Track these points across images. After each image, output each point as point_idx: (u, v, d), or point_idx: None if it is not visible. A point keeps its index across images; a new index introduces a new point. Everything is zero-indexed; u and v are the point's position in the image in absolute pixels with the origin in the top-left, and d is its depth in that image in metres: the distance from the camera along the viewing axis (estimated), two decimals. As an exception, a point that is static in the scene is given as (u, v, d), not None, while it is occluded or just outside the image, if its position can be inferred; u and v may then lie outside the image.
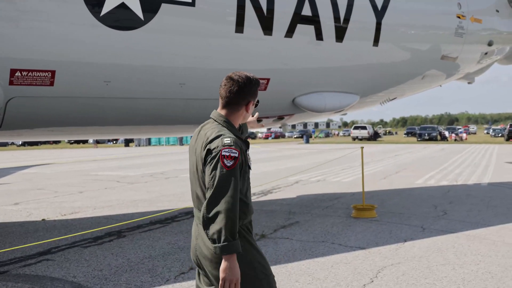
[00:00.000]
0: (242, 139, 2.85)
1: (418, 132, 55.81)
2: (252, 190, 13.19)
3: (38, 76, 7.17)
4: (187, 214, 9.77)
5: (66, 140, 72.94)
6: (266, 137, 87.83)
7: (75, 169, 22.96)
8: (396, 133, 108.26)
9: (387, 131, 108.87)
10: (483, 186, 13.70)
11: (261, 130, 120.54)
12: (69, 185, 15.80)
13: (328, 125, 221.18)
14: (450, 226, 8.27)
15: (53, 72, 7.22)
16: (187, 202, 11.26)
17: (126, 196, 12.60)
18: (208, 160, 2.63)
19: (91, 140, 70.93)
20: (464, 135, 55.19)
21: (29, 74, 7.06)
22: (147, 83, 7.92)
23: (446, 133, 55.25)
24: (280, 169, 19.70)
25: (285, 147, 44.53)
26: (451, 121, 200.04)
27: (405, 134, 73.90)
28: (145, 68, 7.77)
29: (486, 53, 12.62)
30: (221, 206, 2.54)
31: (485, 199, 11.10)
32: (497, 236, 7.46)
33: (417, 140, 52.39)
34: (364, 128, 58.45)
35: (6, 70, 6.36)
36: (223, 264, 2.58)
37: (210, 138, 2.69)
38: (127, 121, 8.39)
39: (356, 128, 59.67)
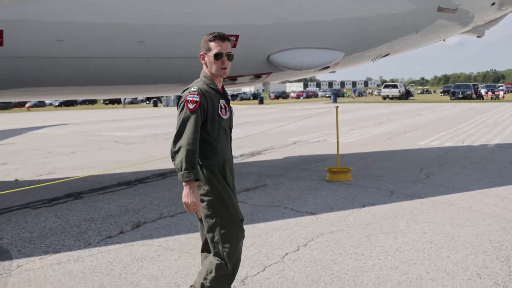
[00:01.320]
0: (218, 90, 3.25)
1: (451, 90, 53.97)
2: (243, 151, 12.92)
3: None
4: (160, 175, 9.58)
5: (102, 101, 74.00)
6: (298, 97, 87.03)
7: (85, 129, 23.12)
8: (434, 91, 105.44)
9: (425, 90, 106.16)
10: (489, 147, 13.00)
11: (295, 90, 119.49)
12: (67, 145, 15.86)
13: (366, 83, 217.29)
14: (423, 190, 7.81)
15: (0, 32, 7.01)
16: (170, 163, 11.07)
17: (114, 157, 12.52)
18: (178, 105, 3.12)
19: (127, 100, 71.71)
20: (501, 93, 52.90)
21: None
22: (103, 41, 7.62)
23: (483, 91, 53.16)
24: (287, 129, 19.30)
25: (309, 107, 43.85)
26: (496, 78, 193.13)
27: (441, 92, 71.83)
28: (100, 26, 7.47)
29: (493, 4, 11.70)
30: (183, 141, 3.03)
31: (481, 162, 10.51)
32: (467, 203, 6.98)
33: (450, 99, 50.76)
34: (395, 86, 56.74)
35: None
36: (184, 190, 3.05)
37: (184, 89, 3.20)
38: (85, 82, 8.13)
39: (386, 86, 58.04)
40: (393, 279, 4.29)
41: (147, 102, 70.97)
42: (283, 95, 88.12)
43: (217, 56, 3.19)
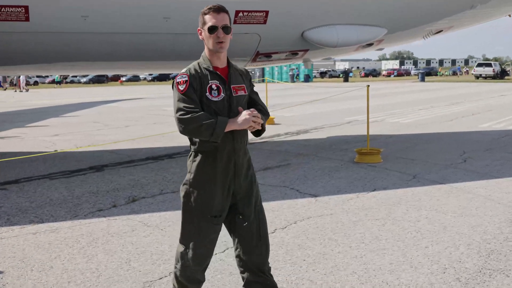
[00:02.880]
0: (211, 70, 2.96)
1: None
2: (292, 129, 12.78)
3: (12, 12, 7.31)
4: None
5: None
6: (388, 75, 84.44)
7: (153, 104, 23.79)
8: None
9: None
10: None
11: (390, 68, 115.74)
12: (125, 119, 16.44)
13: (466, 62, 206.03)
14: (450, 176, 7.31)
15: (26, 7, 7.33)
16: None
17: (161, 131, 12.81)
18: (172, 88, 2.95)
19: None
20: None
21: (2, 10, 7.22)
22: (128, 17, 7.76)
23: None
24: (351, 108, 18.77)
25: (392, 85, 42.37)
26: None
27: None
28: (125, 2, 7.61)
29: None
30: (189, 118, 2.80)
31: (538, 148, 9.65)
32: (487, 190, 6.45)
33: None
34: (489, 65, 53.27)
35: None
36: (236, 126, 2.87)
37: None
38: (110, 57, 8.33)
39: (479, 65, 54.63)
40: (349, 268, 4.07)
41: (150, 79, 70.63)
42: (374, 73, 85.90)
43: (212, 29, 2.91)
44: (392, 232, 4.93)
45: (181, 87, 2.88)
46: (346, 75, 60.12)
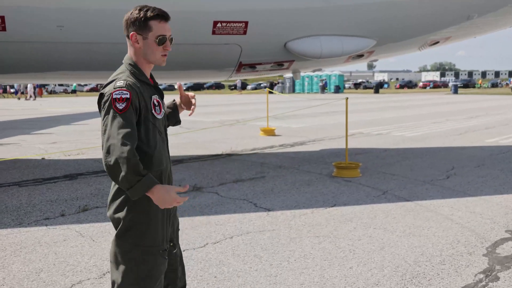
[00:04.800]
0: (148, 83, 2.57)
1: None
2: (289, 141, 12.63)
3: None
4: (191, 159, 9.67)
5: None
6: (424, 86, 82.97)
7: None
8: None
9: None
10: None
11: (424, 79, 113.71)
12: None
13: (511, 73, 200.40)
14: (422, 193, 7.05)
15: (2, 18, 7.47)
16: (200, 149, 11.13)
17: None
18: (102, 105, 2.44)
19: (249, 87, 73.49)
20: None
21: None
22: (104, 27, 7.81)
23: None
24: (359, 120, 18.47)
25: (421, 97, 41.59)
26: None
27: None
28: (101, 12, 7.67)
29: None
30: (118, 151, 2.29)
31: (534, 165, 9.23)
32: (452, 209, 6.18)
33: None
34: (525, 78, 51.64)
35: None
36: (155, 199, 2.36)
37: (105, 83, 2.54)
38: (86, 66, 8.39)
39: (516, 77, 53.01)
40: (256, 287, 3.92)
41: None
42: (409, 85, 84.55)
43: (162, 40, 2.51)
44: (324, 250, 4.75)
45: (120, 106, 2.37)
46: (377, 87, 59.35)
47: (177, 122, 2.90)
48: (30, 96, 43.57)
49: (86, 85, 70.75)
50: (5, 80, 10.30)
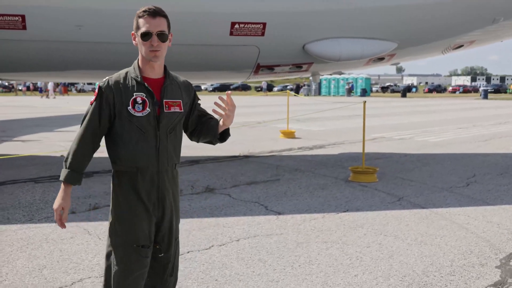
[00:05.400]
0: (139, 81, 2.66)
1: None
2: (308, 143, 12.52)
3: (10, 20, 7.56)
4: (208, 160, 9.66)
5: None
6: (454, 91, 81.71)
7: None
8: None
9: None
10: None
11: (454, 84, 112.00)
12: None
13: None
14: (437, 200, 6.88)
15: (23, 17, 7.56)
16: (217, 150, 11.10)
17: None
18: None
19: (276, 88, 73.22)
20: None
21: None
22: (121, 27, 7.84)
23: None
24: (384, 124, 18.22)
25: (448, 102, 40.89)
26: None
27: None
28: (119, 13, 7.70)
29: None
30: (76, 136, 2.72)
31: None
32: (468, 218, 6.01)
33: None
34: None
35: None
36: (61, 193, 2.73)
37: None
38: (103, 66, 8.43)
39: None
40: (256, 292, 3.86)
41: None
42: (438, 89, 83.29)
43: (145, 35, 2.61)
44: (331, 257, 4.66)
45: (92, 98, 2.68)
46: (404, 91, 58.62)
47: (215, 136, 2.91)
48: (51, 94, 44.37)
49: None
50: (25, 78, 10.47)
